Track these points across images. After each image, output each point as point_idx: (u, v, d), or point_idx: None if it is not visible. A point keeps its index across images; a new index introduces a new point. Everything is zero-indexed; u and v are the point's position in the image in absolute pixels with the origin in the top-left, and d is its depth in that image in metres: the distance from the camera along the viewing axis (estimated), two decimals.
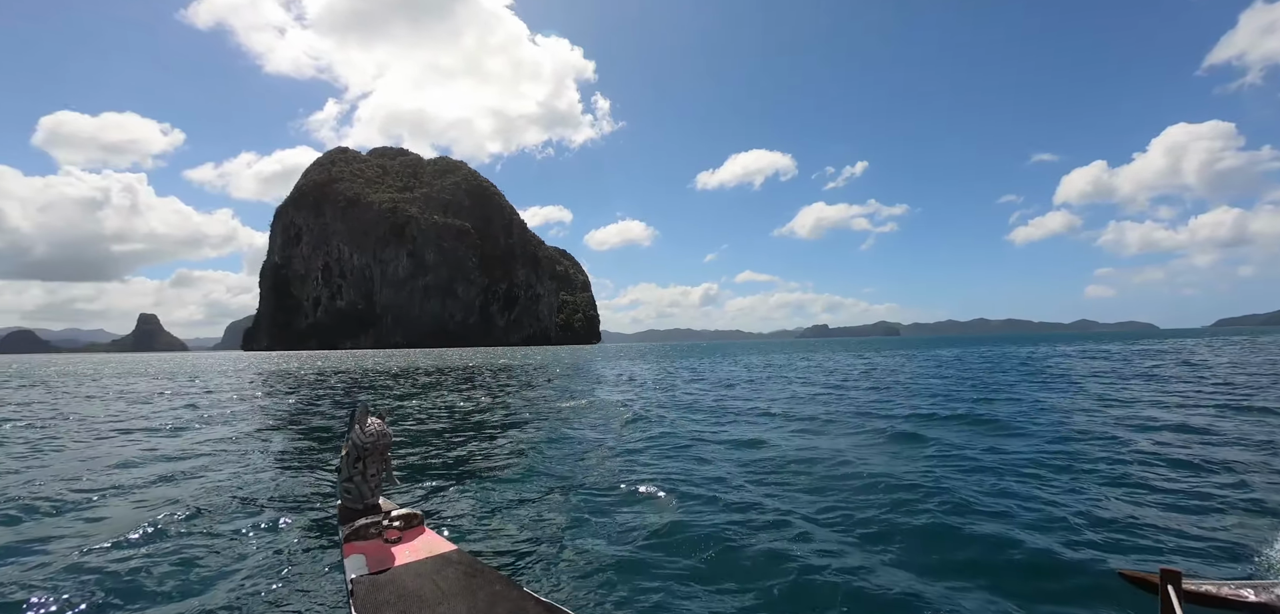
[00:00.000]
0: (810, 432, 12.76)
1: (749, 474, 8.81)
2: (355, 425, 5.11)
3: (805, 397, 19.87)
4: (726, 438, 12.03)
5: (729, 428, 13.48)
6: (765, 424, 13.94)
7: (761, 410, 16.44)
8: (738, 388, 23.95)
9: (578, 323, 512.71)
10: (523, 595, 3.43)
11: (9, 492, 7.79)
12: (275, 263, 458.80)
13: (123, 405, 20.85)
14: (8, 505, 6.97)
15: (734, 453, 10.53)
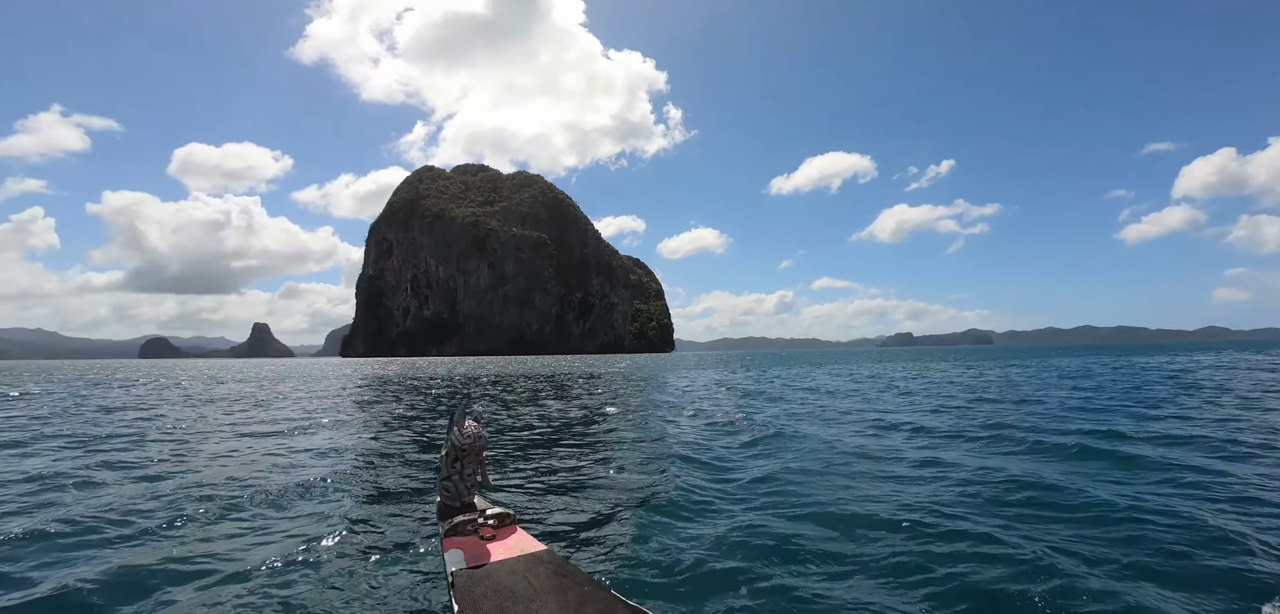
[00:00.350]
0: (981, 447, 11.21)
1: (948, 498, 7.47)
2: (454, 428, 5.35)
3: (934, 407, 18.16)
4: (886, 453, 10.51)
5: (875, 440, 12.07)
6: (920, 438, 12.35)
7: (899, 422, 14.66)
8: (843, 397, 22.34)
9: (652, 331, 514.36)
10: (612, 599, 3.44)
11: (157, 486, 8.42)
12: (369, 275, 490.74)
13: (245, 409, 21.93)
14: (152, 500, 7.42)
15: (913, 471, 9.07)
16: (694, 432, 13.73)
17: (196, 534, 6.21)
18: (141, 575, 5.04)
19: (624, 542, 5.66)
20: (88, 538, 6.06)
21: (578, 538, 5.88)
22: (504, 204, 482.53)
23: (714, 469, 9.40)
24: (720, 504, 7.14)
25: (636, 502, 7.17)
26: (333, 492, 8.05)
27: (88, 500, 7.62)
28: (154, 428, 15.44)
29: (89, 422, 16.79)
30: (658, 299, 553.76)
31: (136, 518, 6.86)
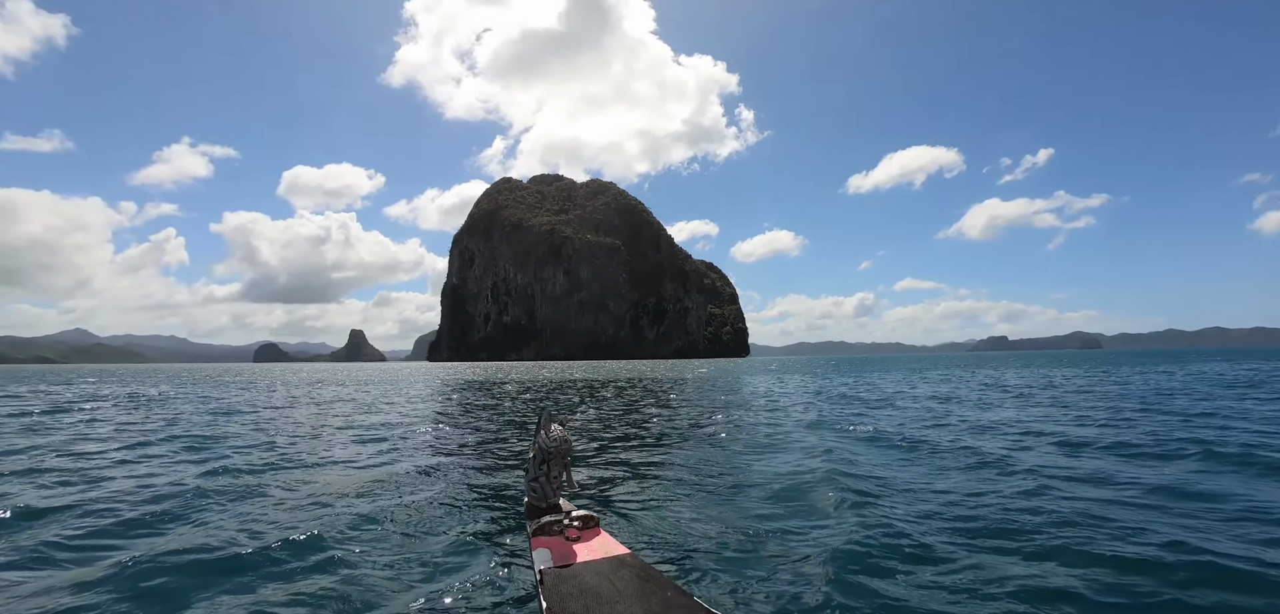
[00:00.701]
0: (1236, 469, 9.18)
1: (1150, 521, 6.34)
2: (541, 431, 5.60)
3: (1104, 418, 15.81)
4: (1105, 477, 8.94)
5: (1073, 459, 10.38)
6: (1127, 457, 10.45)
7: (1080, 438, 12.63)
8: (959, 404, 20.34)
9: (726, 335, 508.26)
10: (695, 605, 3.44)
11: (261, 482, 8.94)
12: (453, 284, 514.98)
13: (349, 411, 22.89)
14: (257, 490, 8.00)
15: (1178, 502, 7.45)
16: (803, 439, 12.81)
17: (297, 524, 6.58)
18: (244, 560, 5.44)
19: (710, 552, 5.55)
20: (205, 518, 6.79)
21: (661, 543, 5.85)
22: (578, 212, 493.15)
23: (841, 482, 8.60)
24: (836, 521, 6.57)
25: (727, 512, 6.93)
26: (427, 488, 8.40)
27: (197, 483, 8.47)
28: (269, 426, 16.58)
29: (204, 422, 17.95)
30: (732, 303, 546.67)
31: (240, 504, 7.53)
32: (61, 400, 27.02)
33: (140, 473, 9.74)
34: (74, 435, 14.25)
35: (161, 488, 8.42)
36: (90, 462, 10.49)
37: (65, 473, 9.18)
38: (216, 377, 65.53)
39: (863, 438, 13.17)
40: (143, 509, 7.24)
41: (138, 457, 11.27)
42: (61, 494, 7.74)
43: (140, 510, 7.20)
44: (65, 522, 6.72)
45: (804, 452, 11.25)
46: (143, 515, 7.01)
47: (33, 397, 30.72)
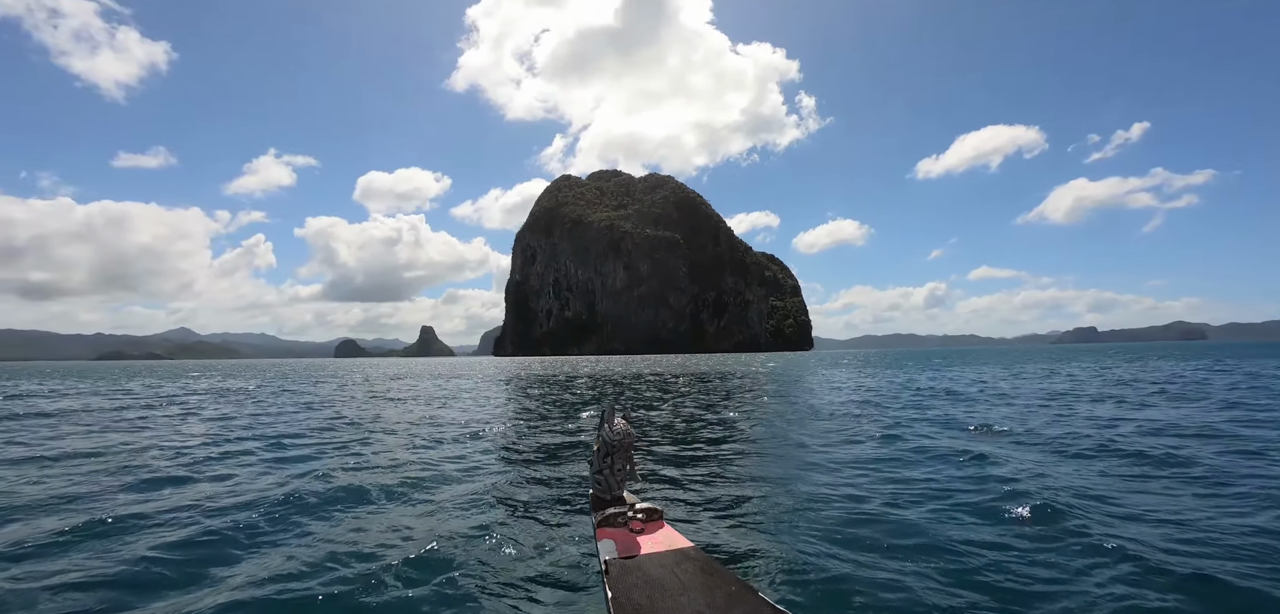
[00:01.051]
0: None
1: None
2: (605, 424, 5.66)
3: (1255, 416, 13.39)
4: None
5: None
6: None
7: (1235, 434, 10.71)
8: (1087, 401, 17.70)
9: (789, 329, 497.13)
10: (759, 601, 3.44)
11: (346, 471, 9.15)
12: (516, 280, 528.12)
13: (423, 403, 23.19)
14: (327, 489, 7.93)
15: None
16: (888, 436, 11.52)
17: (371, 514, 6.89)
18: (318, 549, 5.63)
19: (777, 548, 5.48)
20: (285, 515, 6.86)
21: (725, 539, 5.82)
22: (637, 206, 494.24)
23: (1003, 487, 7.48)
24: (945, 526, 6.06)
25: (797, 510, 6.73)
26: (496, 478, 8.75)
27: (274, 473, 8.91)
28: (355, 418, 17.38)
29: (294, 411, 18.27)
30: (794, 295, 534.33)
31: (317, 493, 7.84)
32: (177, 394, 28.26)
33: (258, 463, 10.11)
34: (185, 430, 14.80)
35: (260, 481, 8.73)
36: (213, 451, 11.03)
37: (172, 470, 9.33)
38: (311, 371, 68.96)
39: (1003, 439, 11.41)
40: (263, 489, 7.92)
41: (260, 447, 11.83)
42: (165, 496, 7.79)
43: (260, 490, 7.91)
44: (172, 515, 6.83)
45: (933, 456, 9.80)
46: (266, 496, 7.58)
47: (163, 388, 32.46)
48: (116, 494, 7.67)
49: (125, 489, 7.98)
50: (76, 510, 6.92)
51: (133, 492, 7.86)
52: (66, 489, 7.96)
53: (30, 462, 10.05)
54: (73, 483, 8.32)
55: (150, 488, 8.02)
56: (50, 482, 8.47)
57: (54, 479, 8.60)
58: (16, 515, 6.72)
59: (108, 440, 12.50)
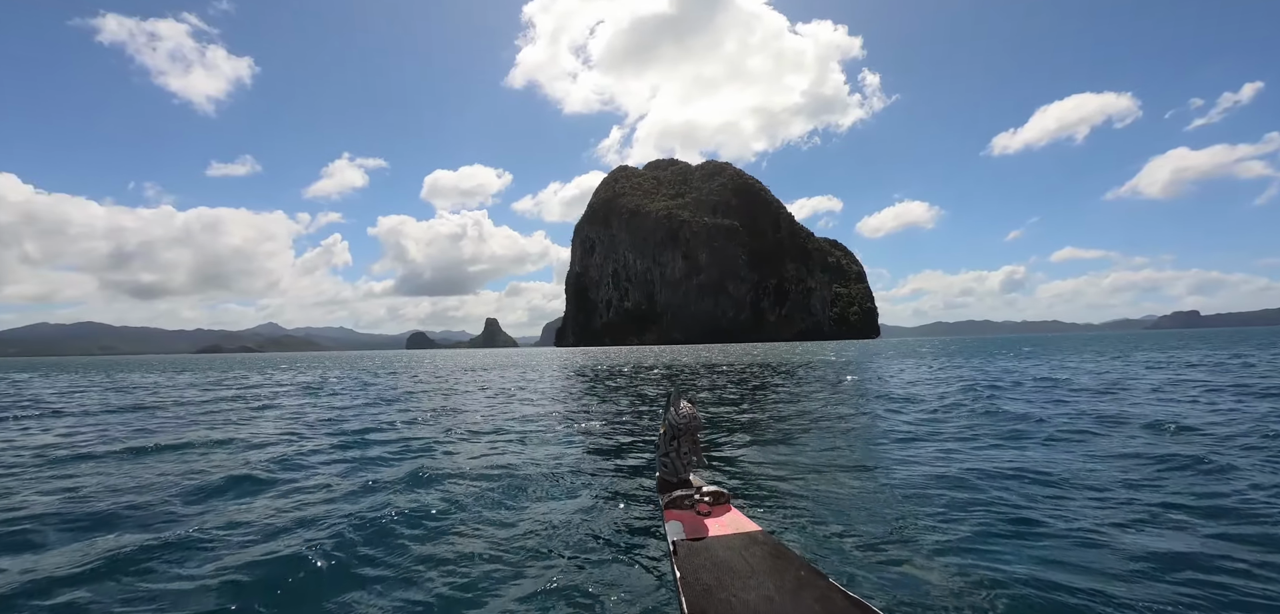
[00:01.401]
0: None
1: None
2: (670, 408, 5.74)
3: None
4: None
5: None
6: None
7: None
8: (1218, 391, 15.11)
9: (854, 316, 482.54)
10: (829, 585, 3.41)
11: (421, 464, 9.19)
12: (576, 272, 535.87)
13: (491, 392, 23.31)
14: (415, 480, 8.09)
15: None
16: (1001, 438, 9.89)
17: (444, 491, 7.26)
18: (401, 525, 5.83)
19: (849, 538, 5.35)
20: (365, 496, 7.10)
21: (794, 525, 5.76)
22: (694, 194, 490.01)
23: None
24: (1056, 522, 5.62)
25: (875, 503, 6.43)
26: (567, 463, 8.94)
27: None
28: (430, 404, 17.91)
29: (373, 403, 18.53)
30: (859, 281, 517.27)
31: (405, 470, 8.36)
32: (268, 386, 29.48)
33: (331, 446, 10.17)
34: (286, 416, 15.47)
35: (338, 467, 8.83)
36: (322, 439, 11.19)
37: (269, 463, 9.33)
38: (387, 363, 72.06)
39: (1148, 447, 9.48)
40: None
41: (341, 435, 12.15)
42: (268, 484, 7.99)
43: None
44: (269, 502, 6.96)
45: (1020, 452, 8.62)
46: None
47: (277, 376, 34.22)
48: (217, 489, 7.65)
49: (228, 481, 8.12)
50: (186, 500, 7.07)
51: (234, 484, 7.99)
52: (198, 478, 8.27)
53: (185, 447, 10.32)
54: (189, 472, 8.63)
55: (249, 483, 8.12)
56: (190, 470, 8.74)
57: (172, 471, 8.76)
58: (148, 507, 6.72)
59: (228, 433, 12.97)
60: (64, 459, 9.65)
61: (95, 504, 6.72)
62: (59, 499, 6.98)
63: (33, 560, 5.12)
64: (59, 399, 22.40)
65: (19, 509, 6.62)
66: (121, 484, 7.70)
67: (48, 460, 9.54)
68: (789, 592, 3.37)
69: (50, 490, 7.50)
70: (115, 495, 7.07)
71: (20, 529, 5.90)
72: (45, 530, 5.87)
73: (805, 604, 3.23)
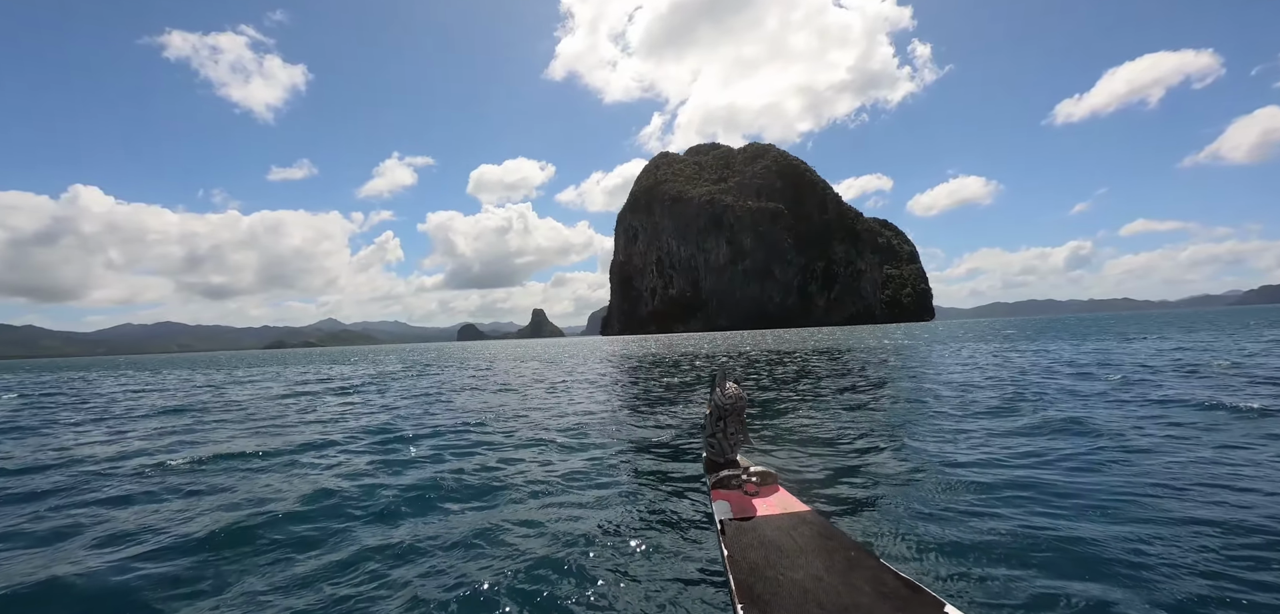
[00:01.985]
0: None
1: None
2: (716, 388, 5.76)
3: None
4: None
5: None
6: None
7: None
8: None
9: (906, 298, 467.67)
10: (880, 565, 3.38)
11: (471, 441, 9.71)
12: (620, 261, 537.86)
13: (542, 381, 23.60)
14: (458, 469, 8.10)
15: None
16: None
17: (496, 473, 7.50)
18: (451, 503, 6.06)
19: (903, 523, 5.26)
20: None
21: (844, 507, 5.74)
22: (737, 178, 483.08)
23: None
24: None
25: (924, 484, 6.30)
26: (610, 445, 9.18)
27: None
28: (481, 393, 18.59)
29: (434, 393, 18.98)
30: (911, 262, 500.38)
31: (458, 455, 8.55)
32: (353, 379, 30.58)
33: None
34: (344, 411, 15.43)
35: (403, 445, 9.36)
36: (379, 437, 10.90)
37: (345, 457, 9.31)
38: (442, 356, 73.91)
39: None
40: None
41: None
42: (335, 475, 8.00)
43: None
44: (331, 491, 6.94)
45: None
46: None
47: (344, 369, 35.69)
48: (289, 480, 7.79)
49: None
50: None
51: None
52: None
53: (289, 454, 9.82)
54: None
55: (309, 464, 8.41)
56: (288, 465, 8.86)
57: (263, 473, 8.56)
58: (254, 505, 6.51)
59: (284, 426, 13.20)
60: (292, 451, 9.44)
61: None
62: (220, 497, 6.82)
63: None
64: (242, 393, 23.89)
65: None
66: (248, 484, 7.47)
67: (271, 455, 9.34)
68: (839, 571, 3.34)
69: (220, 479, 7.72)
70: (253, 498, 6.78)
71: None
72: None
73: (856, 584, 3.20)
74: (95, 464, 8.76)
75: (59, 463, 9.06)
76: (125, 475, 7.98)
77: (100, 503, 6.58)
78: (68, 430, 13.14)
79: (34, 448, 10.66)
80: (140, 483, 7.49)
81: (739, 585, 3.30)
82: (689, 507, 5.85)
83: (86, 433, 12.51)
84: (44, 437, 12.23)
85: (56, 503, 6.70)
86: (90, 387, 30.04)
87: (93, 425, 13.74)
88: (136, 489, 7.11)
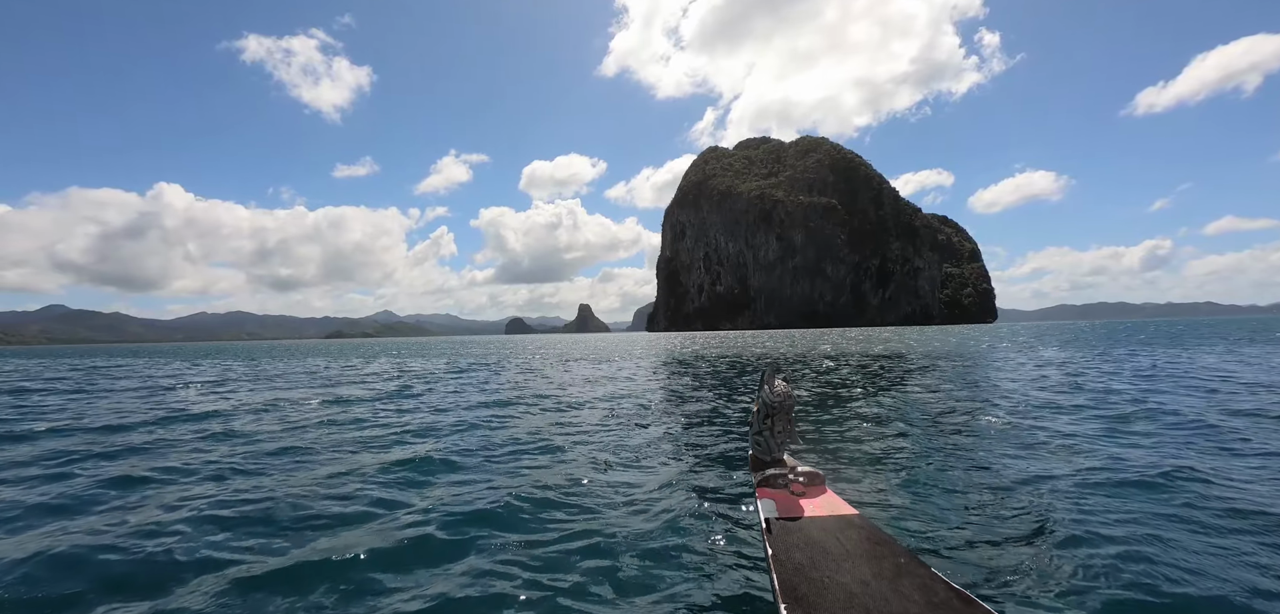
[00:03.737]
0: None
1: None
2: (764, 386, 5.62)
3: None
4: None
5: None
6: None
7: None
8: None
9: (967, 298, 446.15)
10: (931, 575, 3.27)
11: (518, 436, 9.89)
12: (666, 256, 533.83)
13: (581, 381, 22.03)
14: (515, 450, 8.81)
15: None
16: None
17: (542, 473, 7.38)
18: (496, 510, 5.84)
19: (952, 527, 5.17)
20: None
21: (893, 511, 5.64)
22: (788, 173, 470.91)
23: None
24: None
25: (979, 494, 6.06)
26: (662, 439, 9.37)
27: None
28: (529, 388, 18.60)
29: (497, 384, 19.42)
30: (972, 261, 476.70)
31: (500, 453, 8.46)
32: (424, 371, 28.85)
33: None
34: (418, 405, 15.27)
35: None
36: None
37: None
38: (492, 348, 73.39)
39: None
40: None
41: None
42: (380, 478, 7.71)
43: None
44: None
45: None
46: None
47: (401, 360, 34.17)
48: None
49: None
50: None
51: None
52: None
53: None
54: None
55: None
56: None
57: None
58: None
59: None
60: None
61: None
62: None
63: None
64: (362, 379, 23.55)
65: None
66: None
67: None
68: (887, 578, 3.27)
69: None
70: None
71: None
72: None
73: (904, 591, 3.14)
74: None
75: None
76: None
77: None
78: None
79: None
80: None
81: (783, 585, 3.27)
82: (734, 505, 5.81)
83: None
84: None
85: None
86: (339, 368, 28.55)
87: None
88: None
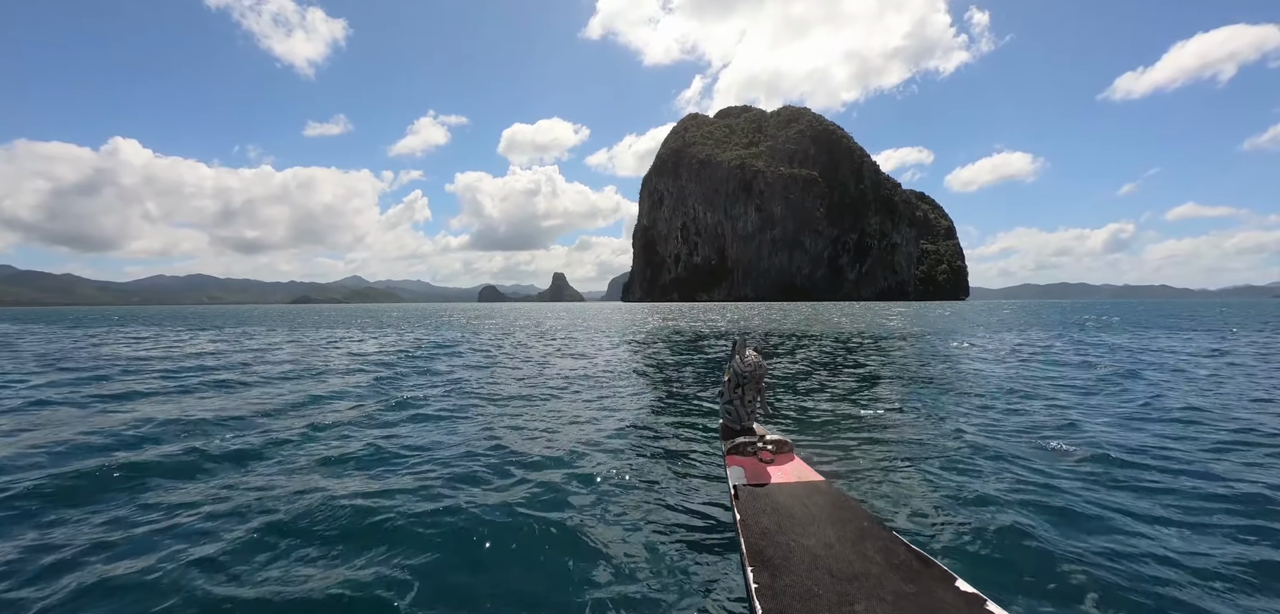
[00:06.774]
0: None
1: None
2: (736, 355, 5.77)
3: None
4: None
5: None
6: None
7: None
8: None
9: (941, 275, 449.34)
10: (893, 537, 3.43)
11: (487, 410, 9.52)
12: (644, 225, 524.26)
13: (561, 349, 21.13)
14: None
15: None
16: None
17: (514, 441, 7.32)
18: (472, 473, 5.91)
19: (914, 493, 5.37)
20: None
21: (859, 477, 5.79)
22: (769, 143, 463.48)
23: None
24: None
25: (940, 461, 6.27)
26: (626, 409, 9.42)
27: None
28: (499, 358, 18.17)
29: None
30: (948, 238, 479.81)
31: (469, 425, 8.31)
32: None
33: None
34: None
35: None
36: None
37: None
38: (460, 315, 67.90)
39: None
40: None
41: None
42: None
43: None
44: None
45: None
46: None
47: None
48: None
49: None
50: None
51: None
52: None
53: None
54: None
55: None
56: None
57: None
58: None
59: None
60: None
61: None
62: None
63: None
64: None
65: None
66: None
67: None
68: (850, 540, 3.40)
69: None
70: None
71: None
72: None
73: (866, 553, 3.25)
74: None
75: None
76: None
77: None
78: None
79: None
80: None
81: (750, 549, 3.35)
82: (703, 472, 5.88)
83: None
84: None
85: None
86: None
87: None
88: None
